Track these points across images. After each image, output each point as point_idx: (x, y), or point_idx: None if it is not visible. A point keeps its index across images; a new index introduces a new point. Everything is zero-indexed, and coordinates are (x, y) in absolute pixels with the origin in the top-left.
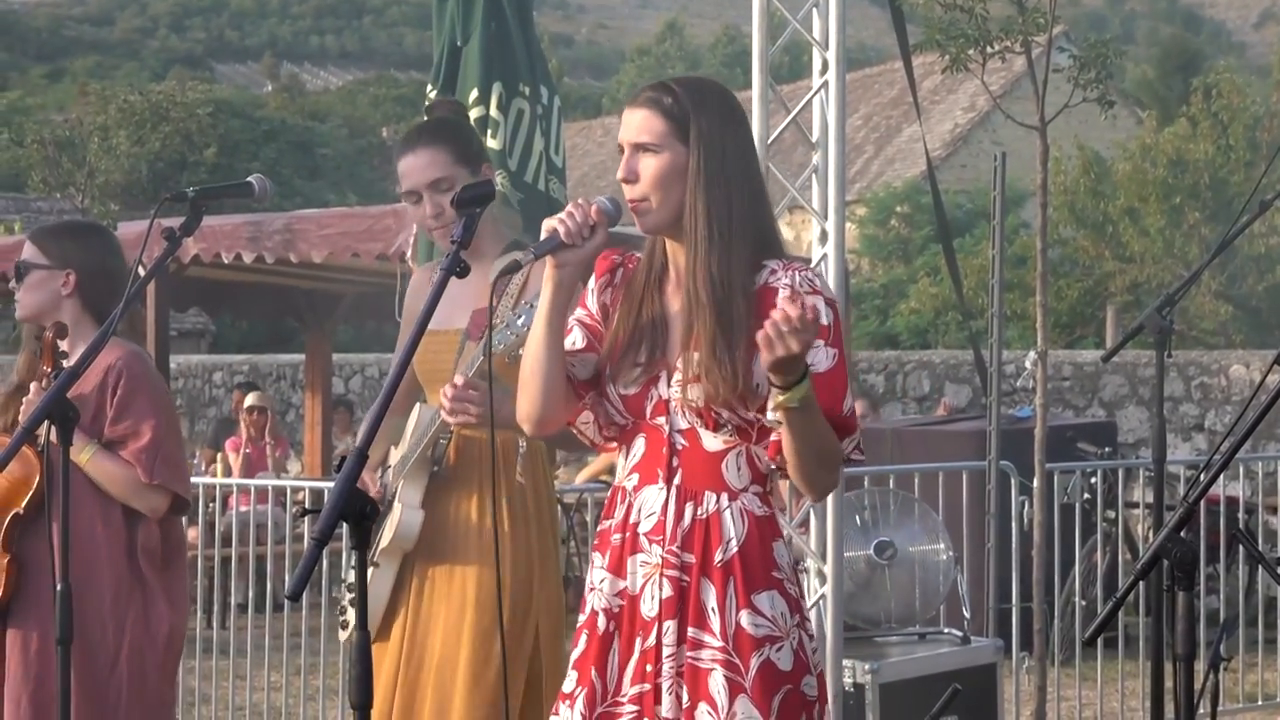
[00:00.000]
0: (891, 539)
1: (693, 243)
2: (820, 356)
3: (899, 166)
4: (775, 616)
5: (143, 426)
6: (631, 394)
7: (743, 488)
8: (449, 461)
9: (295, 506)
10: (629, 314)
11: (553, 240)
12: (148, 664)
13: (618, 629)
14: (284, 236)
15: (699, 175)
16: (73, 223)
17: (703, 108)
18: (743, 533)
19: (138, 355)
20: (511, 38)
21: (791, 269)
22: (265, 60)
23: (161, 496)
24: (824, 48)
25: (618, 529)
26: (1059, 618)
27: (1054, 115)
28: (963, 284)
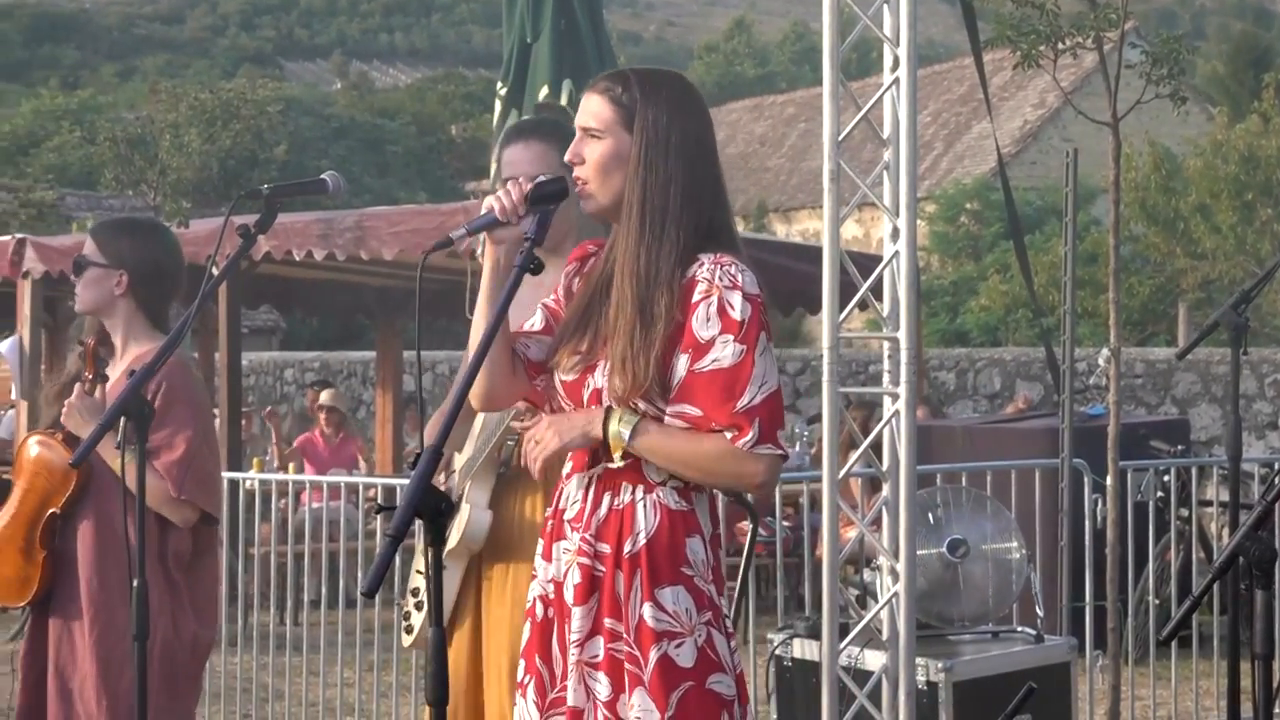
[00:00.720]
0: (964, 537)
1: (625, 232)
2: (726, 352)
3: (968, 163)
4: (678, 612)
5: (177, 440)
6: (569, 381)
7: (660, 481)
8: (515, 463)
9: (367, 503)
10: (579, 303)
11: (488, 217)
12: (177, 666)
13: (557, 615)
14: (355, 234)
15: (637, 164)
16: (131, 220)
17: (652, 98)
18: (653, 525)
19: (181, 366)
20: (581, 34)
21: (716, 262)
22: (334, 58)
23: (191, 509)
24: (895, 44)
25: (550, 516)
26: (1132, 616)
27: (1126, 111)
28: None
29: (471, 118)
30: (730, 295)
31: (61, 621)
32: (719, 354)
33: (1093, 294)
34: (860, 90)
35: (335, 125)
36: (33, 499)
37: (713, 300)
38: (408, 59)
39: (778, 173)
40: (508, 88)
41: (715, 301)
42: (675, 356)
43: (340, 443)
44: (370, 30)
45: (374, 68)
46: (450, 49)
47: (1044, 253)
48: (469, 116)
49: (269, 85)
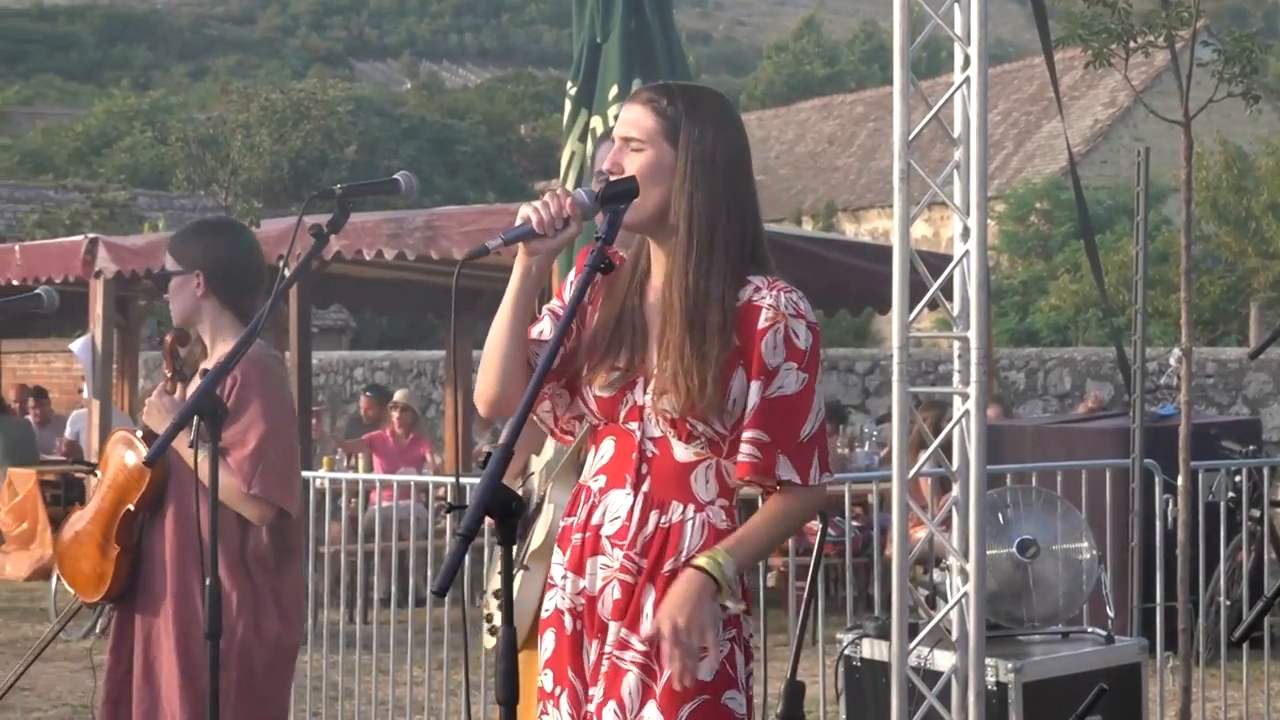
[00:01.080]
0: (1034, 537)
1: (673, 246)
2: (789, 380)
3: (1039, 163)
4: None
5: (249, 435)
6: (607, 396)
7: (709, 500)
8: None
9: (436, 502)
10: (609, 316)
11: (524, 228)
12: (255, 663)
13: (586, 628)
14: (425, 233)
15: (685, 178)
16: (201, 222)
17: (696, 113)
18: (698, 544)
19: (259, 361)
20: (651, 34)
21: (776, 288)
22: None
23: (265, 506)
24: (966, 43)
25: (579, 528)
26: (1203, 617)
27: (1198, 110)
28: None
29: (541, 118)
30: (795, 324)
31: (147, 619)
32: (784, 381)
33: (1164, 293)
34: (930, 89)
35: (405, 125)
36: (111, 496)
37: (779, 328)
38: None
39: (847, 172)
40: (577, 87)
41: (782, 329)
42: (737, 380)
43: (410, 442)
44: (440, 30)
45: (444, 68)
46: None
47: (1114, 252)
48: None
49: (339, 85)
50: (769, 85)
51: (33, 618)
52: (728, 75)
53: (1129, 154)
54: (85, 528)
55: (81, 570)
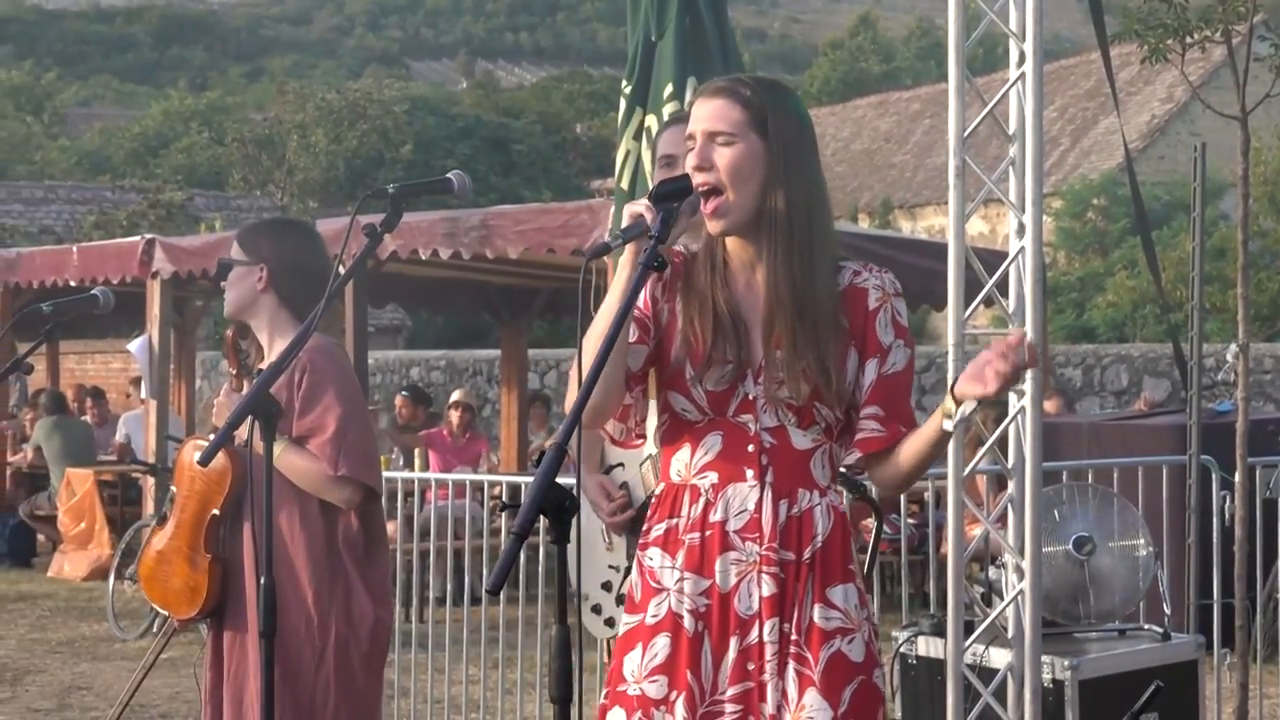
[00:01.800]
0: (1090, 534)
1: (773, 238)
2: (899, 357)
3: (1095, 159)
4: (848, 609)
5: (328, 419)
6: (719, 391)
7: (827, 484)
8: None
9: (492, 501)
10: (703, 313)
11: (638, 227)
12: (353, 658)
13: (707, 628)
14: (480, 233)
15: (780, 169)
16: (272, 219)
17: (779, 104)
18: (829, 528)
19: (323, 349)
20: (706, 32)
21: (873, 270)
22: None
23: (353, 488)
24: (1021, 39)
25: (692, 528)
26: (1261, 614)
27: (1255, 105)
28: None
29: (596, 116)
30: (898, 303)
31: (232, 631)
32: (895, 359)
33: (1221, 289)
34: (986, 86)
35: (460, 124)
36: (193, 505)
37: (888, 307)
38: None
39: (903, 169)
40: (632, 86)
41: (889, 309)
42: (850, 363)
43: (467, 441)
44: (495, 29)
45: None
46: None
47: (1171, 248)
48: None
49: (395, 85)
50: (825, 82)
51: (90, 617)
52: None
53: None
54: (169, 544)
55: (172, 588)
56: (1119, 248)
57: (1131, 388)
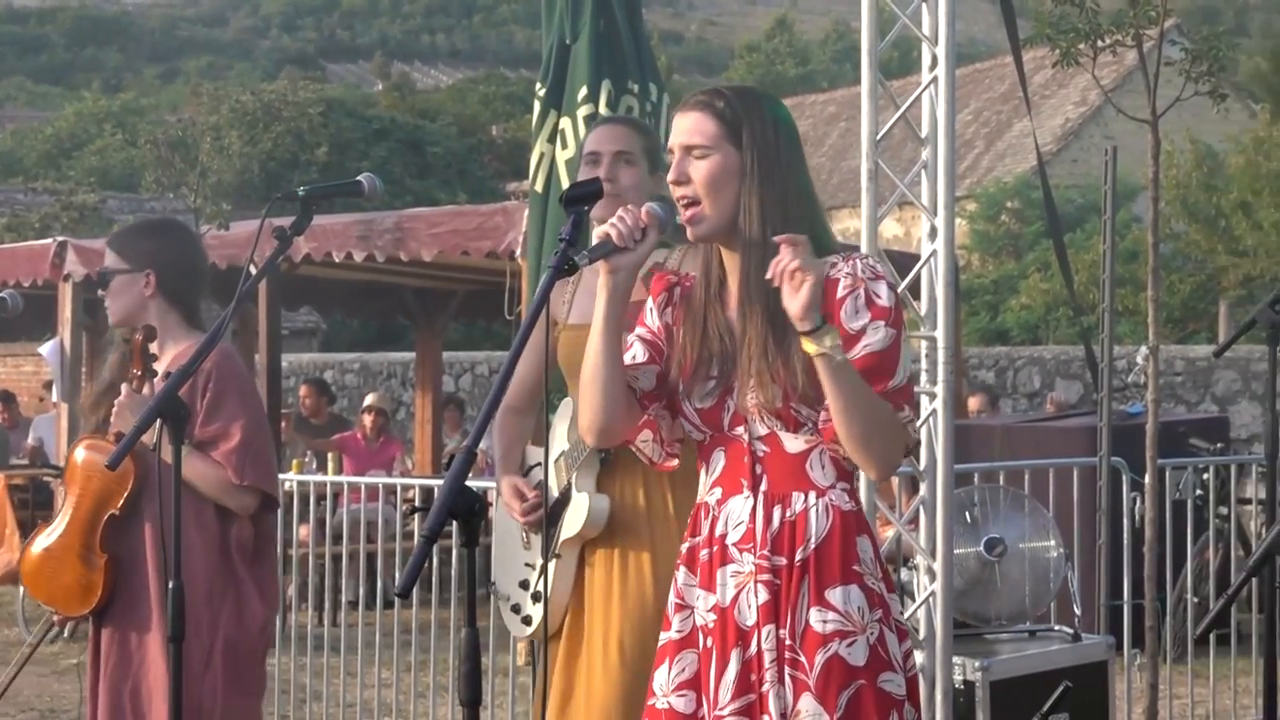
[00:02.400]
0: (1002, 536)
1: (746, 243)
2: (878, 336)
3: (1009, 162)
4: (849, 611)
5: (232, 427)
6: (707, 407)
7: (829, 484)
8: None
9: (405, 504)
10: (694, 331)
11: (605, 245)
12: (241, 657)
13: (714, 644)
14: (394, 235)
15: (753, 175)
16: (147, 221)
17: (754, 112)
18: (824, 528)
19: (228, 355)
20: (620, 35)
21: (852, 259)
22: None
23: (252, 496)
24: (933, 43)
25: (704, 544)
26: (1171, 615)
27: (1165, 109)
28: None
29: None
30: (875, 285)
31: (131, 629)
32: (870, 339)
33: (1133, 292)
34: (902, 89)
35: (376, 126)
36: (87, 503)
37: (859, 292)
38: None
39: (818, 171)
40: (547, 89)
41: (861, 293)
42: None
43: (381, 445)
44: (411, 31)
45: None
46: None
47: (1085, 251)
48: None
49: (310, 87)
50: None
51: (0, 622)
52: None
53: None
54: (59, 542)
55: (63, 584)
56: (1032, 250)
57: (1044, 389)
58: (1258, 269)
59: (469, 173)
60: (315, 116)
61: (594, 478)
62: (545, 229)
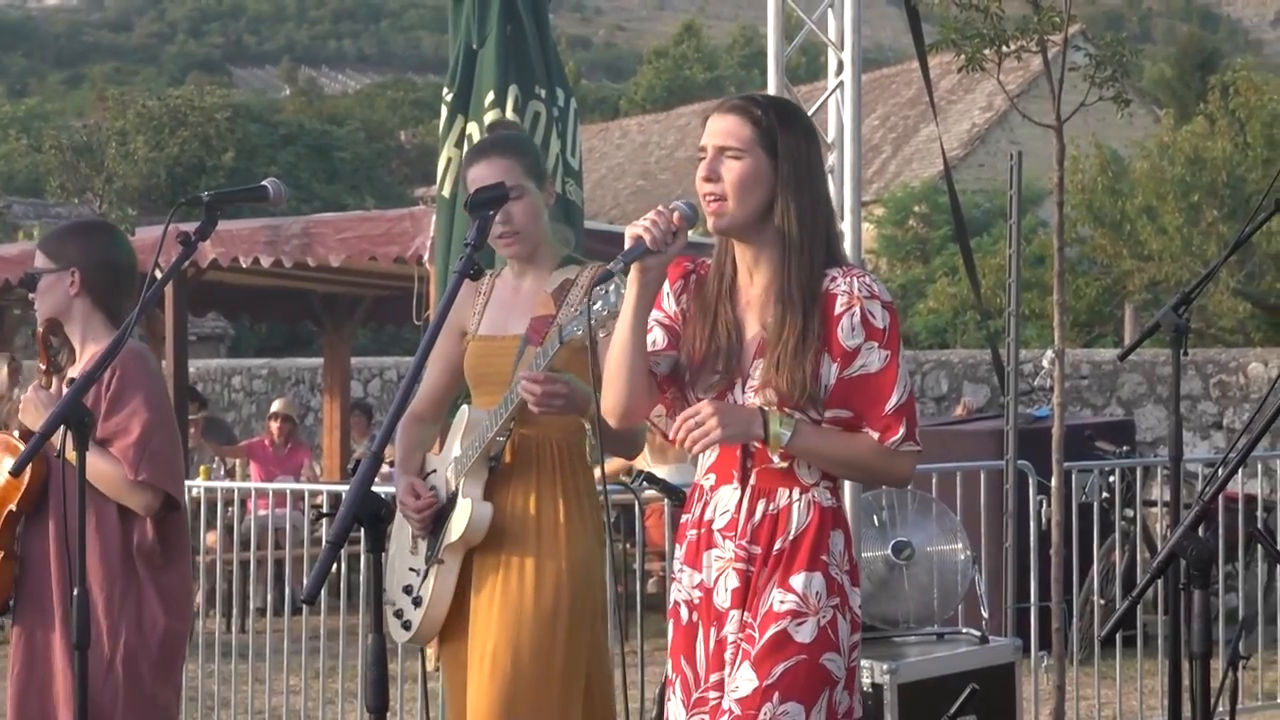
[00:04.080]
0: (909, 539)
1: (785, 248)
2: (873, 358)
3: (916, 166)
4: (806, 594)
5: (133, 423)
6: (710, 399)
7: (814, 482)
8: (504, 459)
9: (313, 510)
10: (704, 326)
11: (639, 247)
12: (142, 666)
13: (700, 620)
14: (302, 240)
15: (791, 182)
16: (75, 223)
17: (790, 124)
18: (805, 521)
19: (134, 353)
20: (527, 40)
21: (850, 275)
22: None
23: (152, 494)
24: (839, 48)
25: (694, 525)
26: (1078, 617)
27: (1070, 114)
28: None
29: (420, 124)
30: (871, 305)
31: (38, 632)
32: (866, 360)
33: (1040, 296)
34: (810, 94)
35: (283, 132)
36: None
37: (855, 311)
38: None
39: None
40: (454, 93)
41: (858, 312)
42: (824, 366)
43: (289, 451)
44: (319, 36)
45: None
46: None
47: (992, 255)
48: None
49: (217, 92)
50: (649, 90)
51: None
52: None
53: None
54: None
55: None
56: (940, 254)
57: (951, 393)
58: (1162, 273)
59: (376, 178)
60: (222, 122)
61: (481, 485)
62: (453, 234)
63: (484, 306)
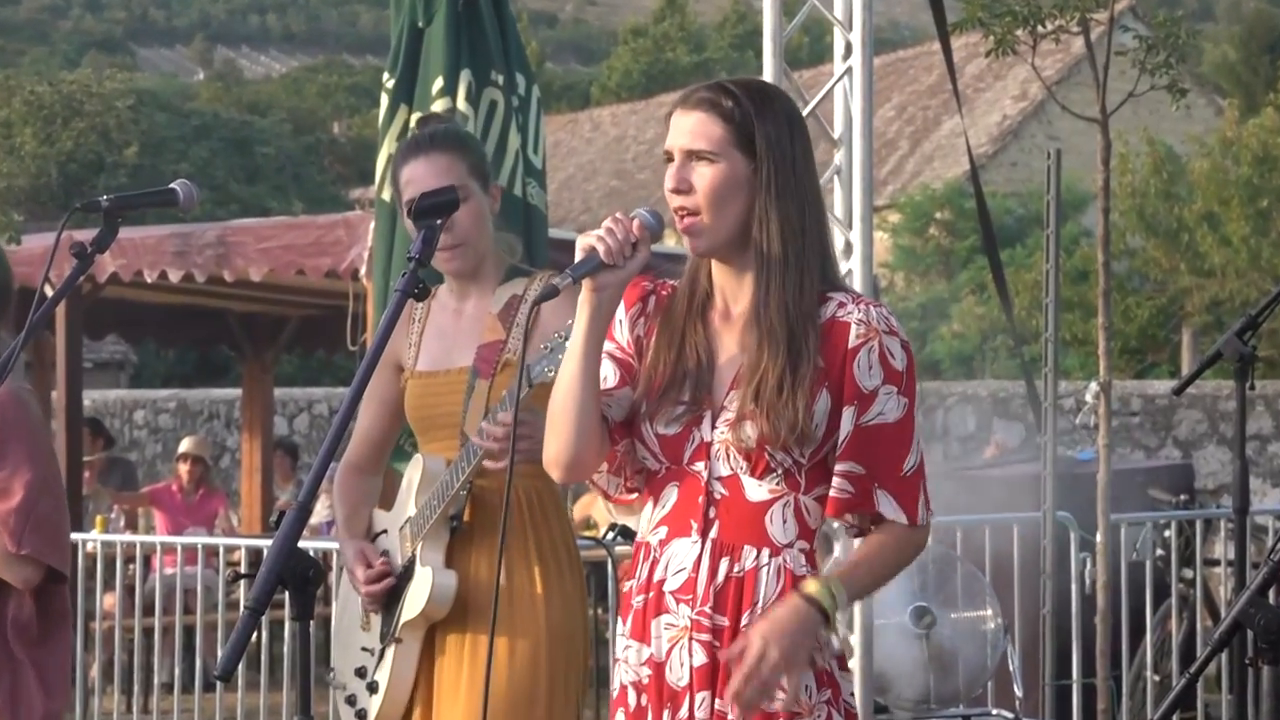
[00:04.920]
0: (930, 604)
1: (764, 264)
2: (890, 405)
3: (938, 165)
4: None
5: (14, 484)
6: (671, 434)
7: (787, 543)
8: (466, 517)
9: (229, 569)
10: (669, 347)
11: (592, 261)
12: None
13: (650, 703)
14: (217, 251)
15: (770, 187)
16: None
17: (767, 113)
18: (774, 593)
19: (17, 397)
20: (482, 17)
21: (863, 303)
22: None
23: (34, 568)
24: (847, 28)
25: (640, 589)
26: (1128, 696)
27: (1117, 105)
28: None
29: (357, 114)
30: (889, 342)
31: None
32: (883, 408)
33: (1083, 318)
34: (812, 80)
35: (196, 123)
36: None
37: (873, 346)
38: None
39: None
40: (396, 79)
41: (876, 348)
42: (820, 403)
43: (200, 499)
44: (238, 11)
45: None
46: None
47: (1027, 270)
48: (354, 112)
49: (118, 76)
50: (625, 75)
51: None
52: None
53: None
54: None
55: None
56: (966, 269)
57: (980, 432)
58: (1226, 291)
59: (305, 177)
60: (124, 111)
61: (443, 549)
62: (394, 244)
63: (419, 336)
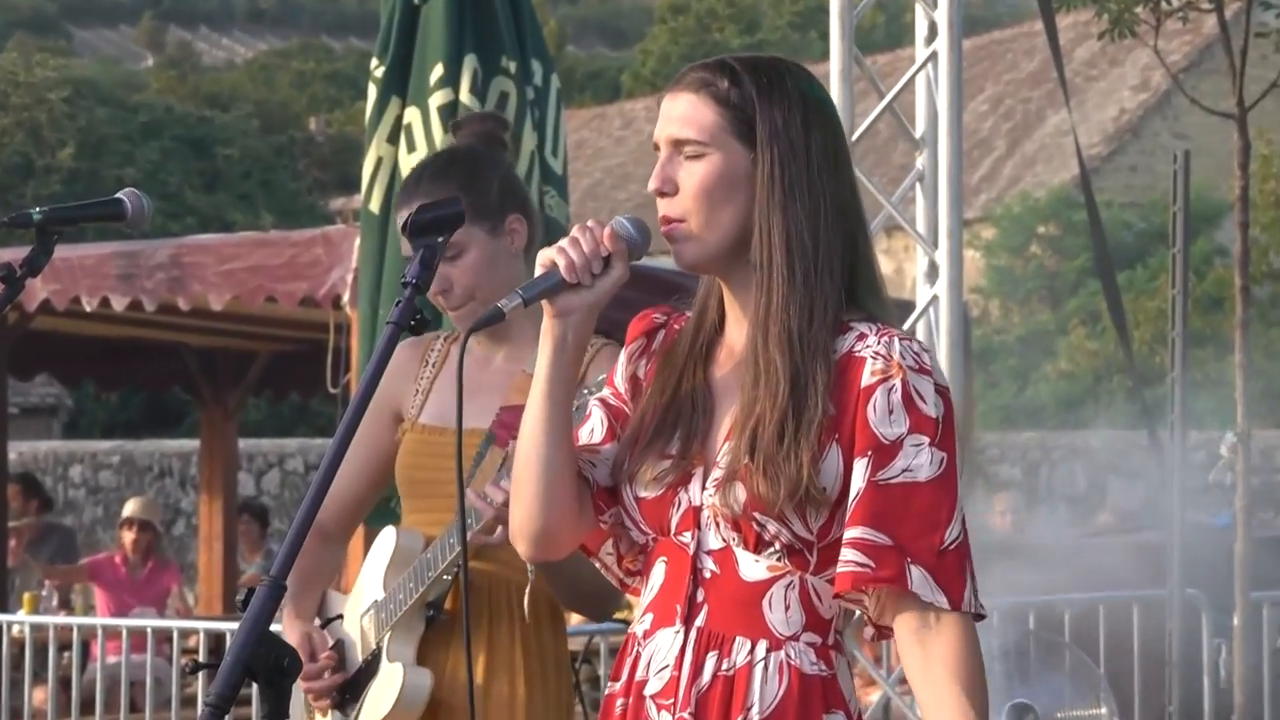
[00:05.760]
0: (1033, 701)
1: (764, 283)
2: (921, 460)
3: (1041, 170)
4: None
5: None
6: (651, 498)
7: (791, 634)
8: (447, 605)
9: (185, 657)
10: (662, 389)
11: (550, 279)
12: None
13: None
14: (170, 274)
15: (772, 186)
16: None
17: (775, 95)
18: (775, 696)
19: None
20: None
21: (886, 334)
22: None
23: None
24: (931, 5)
25: (621, 691)
26: None
27: (1258, 98)
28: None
29: (338, 108)
30: (919, 382)
31: None
32: (912, 462)
33: (1218, 354)
34: (888, 68)
35: (144, 119)
36: None
37: (894, 385)
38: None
39: None
40: (386, 67)
41: (899, 387)
42: (829, 458)
43: (149, 573)
44: None
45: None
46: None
47: (1149, 295)
48: (335, 105)
49: (51, 62)
50: (662, 60)
51: None
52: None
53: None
54: None
55: None
56: (1075, 295)
57: (1092, 492)
58: None
59: (276, 184)
60: (58, 104)
61: (415, 643)
62: (384, 265)
63: (431, 383)
